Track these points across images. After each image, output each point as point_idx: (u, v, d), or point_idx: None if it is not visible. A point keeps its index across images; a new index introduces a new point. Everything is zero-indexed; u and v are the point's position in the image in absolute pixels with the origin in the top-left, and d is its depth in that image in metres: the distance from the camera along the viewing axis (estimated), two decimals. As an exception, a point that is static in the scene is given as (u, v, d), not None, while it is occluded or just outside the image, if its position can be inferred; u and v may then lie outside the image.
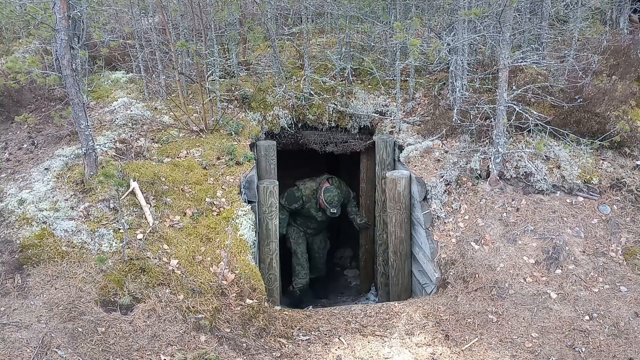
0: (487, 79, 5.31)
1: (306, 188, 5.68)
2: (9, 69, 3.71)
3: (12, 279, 3.26)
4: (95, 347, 2.97)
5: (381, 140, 5.20)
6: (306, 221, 5.83)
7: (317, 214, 5.70)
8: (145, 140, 4.79)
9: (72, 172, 4.18)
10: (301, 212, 5.74)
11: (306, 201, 5.65)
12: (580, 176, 4.43)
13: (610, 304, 3.65)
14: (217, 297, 3.52)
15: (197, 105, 5.29)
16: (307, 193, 5.65)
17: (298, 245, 5.88)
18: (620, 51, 5.36)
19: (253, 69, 6.05)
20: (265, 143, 5.14)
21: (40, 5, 4.22)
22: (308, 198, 5.65)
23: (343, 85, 5.80)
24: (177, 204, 4.12)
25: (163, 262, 3.60)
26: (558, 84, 4.88)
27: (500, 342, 3.44)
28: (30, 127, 5.07)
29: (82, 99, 3.88)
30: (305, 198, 5.64)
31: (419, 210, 4.56)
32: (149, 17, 6.34)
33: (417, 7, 6.01)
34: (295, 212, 5.73)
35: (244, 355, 3.23)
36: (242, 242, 3.99)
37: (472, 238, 4.20)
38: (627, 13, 6.25)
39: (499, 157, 4.39)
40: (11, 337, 2.90)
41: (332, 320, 3.79)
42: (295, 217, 5.85)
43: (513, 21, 4.30)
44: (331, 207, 5.51)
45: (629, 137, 4.58)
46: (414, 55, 5.12)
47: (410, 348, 3.43)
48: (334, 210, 5.52)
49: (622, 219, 4.23)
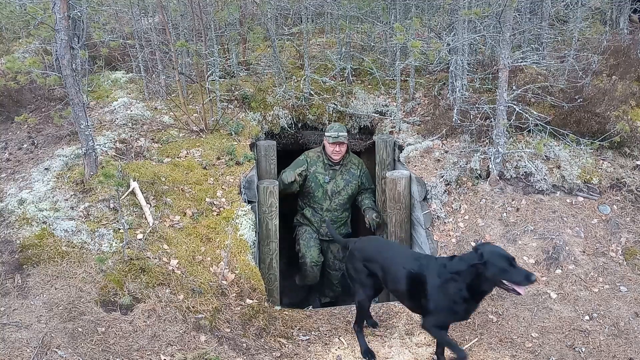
0: (487, 79, 5.31)
1: (310, 151, 5.22)
2: (8, 69, 3.71)
3: (12, 279, 3.26)
4: (95, 347, 2.97)
5: (381, 140, 5.20)
6: (314, 203, 5.13)
7: (324, 182, 5.06)
8: (145, 140, 4.79)
9: (72, 172, 4.18)
10: (308, 187, 5.10)
11: (311, 164, 5.09)
12: (580, 176, 4.43)
13: (610, 304, 3.65)
14: (217, 297, 3.52)
15: (197, 105, 5.29)
16: (311, 155, 5.15)
17: (308, 248, 5.10)
18: (620, 51, 5.36)
19: (253, 69, 6.05)
20: (265, 143, 5.14)
21: (40, 5, 4.22)
22: (313, 160, 5.10)
23: (343, 85, 5.80)
24: (177, 204, 4.12)
25: (163, 262, 3.60)
26: (558, 84, 4.88)
27: (500, 342, 3.44)
28: (30, 127, 5.07)
29: (82, 99, 3.88)
30: (310, 160, 5.10)
31: (419, 210, 4.56)
32: (149, 17, 6.34)
33: (417, 7, 6.01)
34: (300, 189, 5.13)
35: (244, 355, 3.23)
36: (242, 242, 3.99)
37: (472, 238, 4.20)
38: (627, 13, 6.25)
39: (499, 157, 4.39)
40: (11, 337, 2.90)
41: (332, 320, 3.79)
42: (303, 204, 5.24)
43: (513, 21, 4.30)
44: (333, 133, 4.92)
45: (629, 137, 4.57)
46: (414, 55, 5.13)
47: (410, 348, 3.43)
48: (335, 134, 4.91)
49: (622, 219, 4.23)
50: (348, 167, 5.17)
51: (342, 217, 5.23)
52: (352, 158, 5.24)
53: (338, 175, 5.12)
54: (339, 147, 5.00)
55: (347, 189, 5.14)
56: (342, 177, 5.12)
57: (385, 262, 3.30)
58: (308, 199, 5.19)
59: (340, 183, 5.11)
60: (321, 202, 5.13)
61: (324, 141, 5.09)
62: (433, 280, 3.04)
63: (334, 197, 5.12)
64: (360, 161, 5.29)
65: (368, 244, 3.56)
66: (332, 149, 5.00)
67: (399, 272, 3.20)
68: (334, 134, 4.94)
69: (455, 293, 2.96)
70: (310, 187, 5.11)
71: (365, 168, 5.27)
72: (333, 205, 5.14)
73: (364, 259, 3.40)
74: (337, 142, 4.96)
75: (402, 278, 3.17)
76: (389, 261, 3.29)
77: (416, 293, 3.12)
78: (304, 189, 5.15)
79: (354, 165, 5.20)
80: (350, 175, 5.15)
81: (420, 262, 3.16)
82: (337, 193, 5.12)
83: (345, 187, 5.13)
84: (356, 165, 5.21)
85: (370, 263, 3.36)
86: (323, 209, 5.15)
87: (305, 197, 5.21)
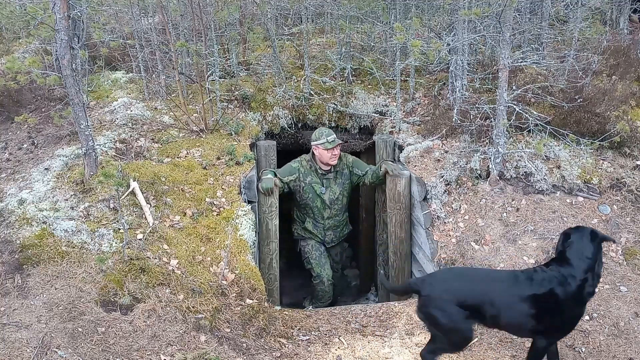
0: (487, 79, 5.31)
1: (302, 160, 4.90)
2: (8, 69, 3.71)
3: (12, 279, 3.26)
4: (95, 347, 2.97)
5: (381, 140, 5.20)
6: (314, 214, 4.97)
7: (321, 192, 4.86)
8: (145, 140, 4.79)
9: (72, 172, 4.18)
10: (305, 198, 4.91)
11: (305, 174, 4.84)
12: (580, 176, 4.43)
13: (610, 304, 3.65)
14: (217, 297, 3.52)
15: (197, 105, 5.29)
16: (304, 165, 4.87)
17: (322, 267, 4.90)
18: (620, 51, 5.36)
19: (253, 69, 6.05)
20: (265, 143, 5.15)
21: (40, 5, 4.22)
22: (307, 171, 4.84)
23: (343, 85, 5.80)
24: (177, 204, 4.12)
25: (163, 262, 3.60)
26: (558, 84, 4.88)
27: (500, 342, 3.44)
28: (30, 127, 5.07)
29: (82, 99, 3.88)
30: (304, 170, 4.84)
31: (419, 210, 4.56)
32: (149, 17, 6.35)
33: (417, 7, 6.01)
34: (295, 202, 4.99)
35: (244, 355, 3.23)
36: (242, 242, 4.00)
37: (472, 238, 4.20)
38: (627, 13, 6.25)
39: (499, 157, 4.39)
40: (11, 337, 2.90)
41: (332, 320, 3.79)
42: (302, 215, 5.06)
43: (513, 21, 4.30)
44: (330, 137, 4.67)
45: (629, 137, 4.57)
46: (414, 55, 5.13)
47: (410, 348, 3.43)
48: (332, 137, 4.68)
49: (622, 219, 4.23)
50: (341, 172, 4.96)
51: (343, 220, 5.14)
52: (343, 159, 4.98)
53: (333, 184, 4.93)
54: (336, 151, 4.78)
55: (344, 192, 4.99)
56: (336, 182, 4.94)
57: (491, 295, 2.86)
58: (307, 210, 5.00)
59: (336, 190, 4.94)
60: (321, 212, 4.97)
61: (313, 150, 4.82)
62: (564, 290, 2.79)
63: (332, 205, 4.96)
64: (346, 155, 5.04)
65: (455, 280, 2.99)
66: (329, 154, 4.75)
67: (515, 300, 2.83)
68: (331, 138, 4.69)
69: (590, 293, 2.82)
70: (307, 199, 4.91)
71: (351, 159, 5.01)
72: (333, 212, 5.00)
73: (458, 300, 2.85)
74: (334, 146, 4.73)
75: (526, 305, 2.83)
76: (495, 293, 2.86)
77: (544, 314, 2.84)
78: (301, 201, 4.96)
79: (344, 165, 4.97)
80: (343, 177, 4.96)
81: (534, 279, 2.84)
82: (335, 200, 4.96)
83: (342, 192, 4.97)
84: (345, 163, 4.97)
85: (469, 302, 2.86)
86: (324, 217, 4.99)
87: (303, 209, 5.02)
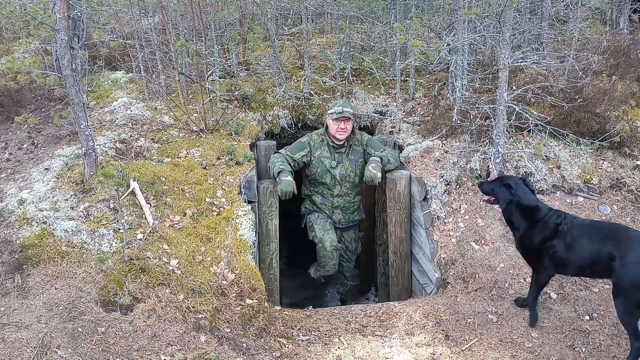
0: (487, 79, 5.31)
1: (313, 133, 4.73)
2: (8, 69, 3.71)
3: (12, 279, 3.26)
4: (95, 347, 2.97)
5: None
6: (323, 190, 4.75)
7: (331, 167, 4.65)
8: (145, 140, 4.79)
9: (72, 172, 4.18)
10: (314, 173, 4.69)
11: (315, 147, 4.62)
12: (580, 176, 4.43)
13: (610, 304, 3.64)
14: (217, 297, 3.52)
15: (197, 105, 5.29)
16: (315, 138, 4.67)
17: (326, 231, 4.63)
18: (620, 51, 5.36)
19: (253, 69, 6.06)
20: (265, 143, 5.15)
21: (40, 5, 4.22)
22: (317, 144, 4.63)
23: (343, 85, 5.80)
24: (177, 204, 4.12)
25: (163, 262, 3.60)
26: (558, 84, 4.88)
27: (500, 342, 3.44)
28: (30, 127, 5.07)
29: (82, 99, 3.88)
30: (314, 144, 4.63)
31: (419, 210, 4.56)
32: (149, 17, 6.35)
33: (417, 7, 6.02)
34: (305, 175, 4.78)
35: (244, 355, 3.23)
36: (242, 242, 4.00)
37: (472, 238, 4.20)
38: (627, 13, 6.26)
39: (499, 157, 4.39)
40: (11, 337, 2.90)
41: (332, 320, 3.79)
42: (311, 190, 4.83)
43: (513, 21, 4.30)
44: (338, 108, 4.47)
45: (629, 137, 4.58)
46: (414, 55, 5.13)
47: (410, 348, 3.43)
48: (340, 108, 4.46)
49: (622, 219, 4.23)
50: (354, 147, 4.72)
51: (354, 202, 4.86)
52: (357, 135, 4.75)
53: (345, 159, 4.69)
54: (344, 124, 4.52)
55: (356, 170, 4.71)
56: (349, 158, 4.70)
57: None
58: (315, 185, 4.76)
59: (348, 166, 4.69)
60: (331, 189, 4.72)
61: (326, 120, 4.64)
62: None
63: (343, 181, 4.71)
64: (362, 133, 4.83)
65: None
66: (336, 126, 4.51)
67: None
68: (339, 109, 4.45)
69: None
70: (316, 174, 4.67)
71: (367, 137, 4.78)
72: (344, 190, 4.74)
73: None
74: (342, 118, 4.49)
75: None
76: None
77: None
78: (310, 175, 4.73)
79: (358, 141, 4.74)
80: (356, 155, 4.71)
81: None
82: (346, 177, 4.70)
83: (354, 169, 4.71)
84: (359, 140, 4.74)
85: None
86: (334, 194, 4.74)
87: (312, 184, 4.77)
